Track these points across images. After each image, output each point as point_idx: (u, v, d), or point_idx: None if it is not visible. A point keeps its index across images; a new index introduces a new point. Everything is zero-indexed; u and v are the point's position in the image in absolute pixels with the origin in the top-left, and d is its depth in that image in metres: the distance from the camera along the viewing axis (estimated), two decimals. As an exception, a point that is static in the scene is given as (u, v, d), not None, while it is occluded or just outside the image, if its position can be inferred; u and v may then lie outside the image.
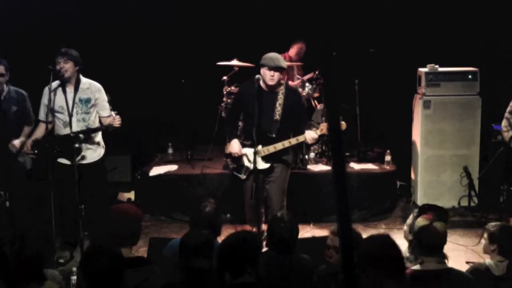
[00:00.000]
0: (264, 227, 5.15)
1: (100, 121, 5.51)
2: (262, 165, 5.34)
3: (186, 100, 7.38)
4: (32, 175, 5.83)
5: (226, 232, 5.98)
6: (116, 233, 3.48)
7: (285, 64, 5.39)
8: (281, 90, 5.40)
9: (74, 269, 4.16)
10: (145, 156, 7.79)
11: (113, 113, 5.36)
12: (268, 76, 5.25)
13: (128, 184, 7.42)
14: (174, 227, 6.51)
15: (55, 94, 5.31)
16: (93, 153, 5.48)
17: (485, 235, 3.84)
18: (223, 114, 6.76)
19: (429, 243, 3.20)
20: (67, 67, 5.25)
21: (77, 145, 5.14)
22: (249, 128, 5.34)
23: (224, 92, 6.97)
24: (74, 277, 4.17)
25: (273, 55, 5.32)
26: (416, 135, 6.99)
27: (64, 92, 5.33)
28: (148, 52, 7.83)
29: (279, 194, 5.50)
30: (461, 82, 6.85)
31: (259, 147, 5.27)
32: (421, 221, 3.21)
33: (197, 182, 6.86)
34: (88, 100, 5.38)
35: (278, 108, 5.36)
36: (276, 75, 5.26)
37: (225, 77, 7.06)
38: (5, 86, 5.56)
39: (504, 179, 6.21)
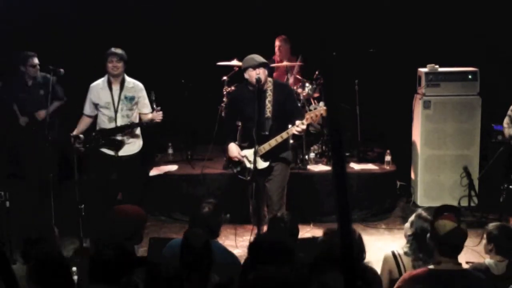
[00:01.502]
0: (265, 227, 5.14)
1: (139, 118, 5.92)
2: (261, 164, 5.34)
3: (186, 100, 7.38)
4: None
5: (225, 232, 6.00)
6: (116, 233, 3.48)
7: (264, 59, 5.38)
8: (269, 87, 5.40)
9: (74, 269, 4.15)
10: (145, 156, 7.77)
11: (156, 108, 5.75)
12: (255, 76, 5.25)
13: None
14: (174, 227, 6.51)
15: (102, 91, 5.76)
16: (133, 146, 5.86)
17: (485, 235, 3.85)
18: (223, 114, 6.77)
19: (458, 244, 3.20)
20: (119, 66, 5.71)
21: (119, 138, 5.70)
22: (247, 130, 5.35)
23: (224, 92, 6.97)
24: (75, 277, 4.17)
25: (252, 55, 5.35)
26: (416, 135, 6.99)
27: (110, 89, 5.75)
28: (148, 52, 7.82)
29: (278, 192, 5.50)
30: (461, 82, 6.85)
31: (256, 146, 5.27)
32: (448, 224, 3.19)
33: (197, 182, 6.86)
34: (132, 98, 5.80)
35: (268, 105, 5.35)
36: (261, 71, 5.26)
37: (225, 77, 7.06)
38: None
39: (504, 179, 6.20)
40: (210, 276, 3.31)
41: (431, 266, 3.25)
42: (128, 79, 5.84)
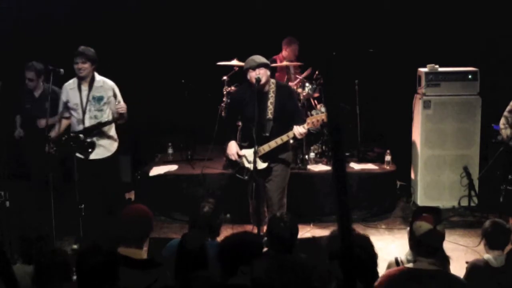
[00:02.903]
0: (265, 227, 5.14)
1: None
2: (260, 165, 5.34)
3: (186, 100, 7.38)
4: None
5: (225, 232, 6.00)
6: (127, 234, 3.47)
7: (265, 60, 5.38)
8: (272, 88, 5.41)
9: (74, 269, 4.15)
10: (145, 156, 7.78)
11: (116, 101, 5.54)
12: (255, 76, 5.24)
13: (128, 184, 7.41)
14: (174, 227, 6.51)
15: (72, 92, 5.57)
16: (106, 148, 5.64)
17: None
18: (223, 114, 6.77)
19: (433, 246, 3.22)
20: (85, 67, 5.48)
21: (89, 140, 5.44)
22: (248, 130, 5.35)
23: (224, 92, 6.97)
24: (74, 277, 4.17)
25: (252, 56, 5.36)
26: (416, 135, 6.99)
27: (80, 90, 5.55)
28: (148, 52, 7.82)
29: (278, 193, 5.50)
30: (461, 82, 6.85)
31: (256, 147, 5.27)
32: (424, 225, 3.21)
33: (197, 182, 6.85)
34: (100, 98, 5.56)
35: (270, 107, 5.36)
36: (262, 72, 5.26)
37: (225, 77, 7.06)
38: (41, 84, 6.32)
39: (504, 179, 6.20)
40: None
41: (408, 265, 3.27)
42: (98, 78, 5.59)
